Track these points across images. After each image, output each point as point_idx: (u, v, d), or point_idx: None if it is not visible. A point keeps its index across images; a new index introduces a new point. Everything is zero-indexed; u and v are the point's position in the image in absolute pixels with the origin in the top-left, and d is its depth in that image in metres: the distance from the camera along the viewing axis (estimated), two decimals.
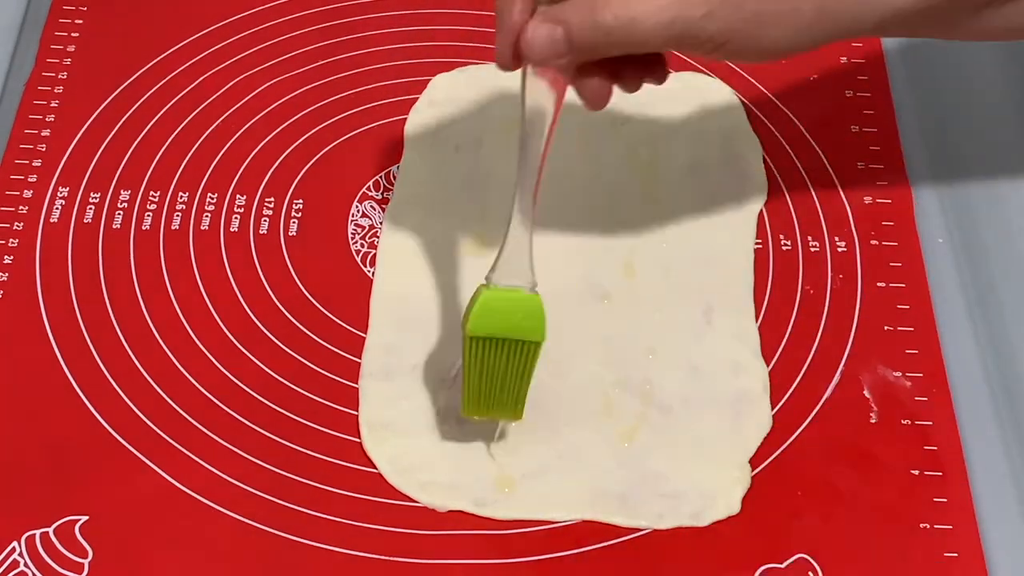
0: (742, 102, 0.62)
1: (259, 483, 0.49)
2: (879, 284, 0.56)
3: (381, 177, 0.59)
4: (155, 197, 0.58)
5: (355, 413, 0.51)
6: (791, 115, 0.61)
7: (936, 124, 0.62)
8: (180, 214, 0.57)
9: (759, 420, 0.52)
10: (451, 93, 0.62)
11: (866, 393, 0.53)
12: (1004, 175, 0.60)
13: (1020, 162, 0.61)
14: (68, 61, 0.62)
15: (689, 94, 0.62)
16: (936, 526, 0.49)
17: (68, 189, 0.58)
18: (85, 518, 0.48)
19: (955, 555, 0.48)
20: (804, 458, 0.51)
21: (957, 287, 0.56)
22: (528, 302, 0.47)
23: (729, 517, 0.49)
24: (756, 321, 0.55)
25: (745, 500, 0.50)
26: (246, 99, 0.61)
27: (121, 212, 0.57)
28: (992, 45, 0.65)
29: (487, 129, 0.60)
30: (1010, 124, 0.62)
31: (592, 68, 0.45)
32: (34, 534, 0.48)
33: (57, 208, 0.57)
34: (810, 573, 0.48)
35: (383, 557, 0.48)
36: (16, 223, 0.56)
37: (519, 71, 0.45)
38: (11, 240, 0.56)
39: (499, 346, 0.47)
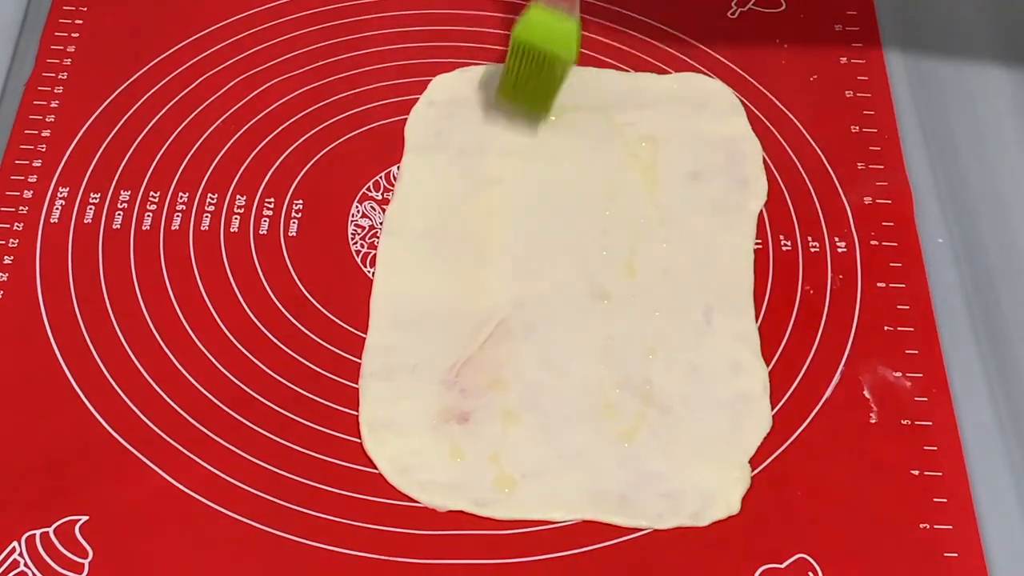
0: (742, 102, 0.62)
1: (259, 483, 0.49)
2: (879, 284, 0.56)
3: (381, 177, 0.59)
4: (155, 197, 0.58)
5: (355, 413, 0.51)
6: (791, 115, 0.61)
7: (936, 124, 0.62)
8: (180, 214, 0.57)
9: (759, 420, 0.52)
10: (452, 94, 0.62)
11: (866, 393, 0.53)
12: (1004, 175, 0.60)
13: (1020, 162, 0.61)
14: (68, 61, 0.62)
15: (689, 94, 0.62)
16: (936, 526, 0.49)
17: (68, 189, 0.58)
18: (85, 518, 0.48)
19: (955, 555, 0.48)
20: (804, 458, 0.51)
21: (957, 287, 0.56)
22: (566, 26, 0.56)
23: (729, 517, 0.49)
24: (756, 321, 0.55)
25: (745, 500, 0.50)
26: (246, 99, 0.61)
27: (121, 212, 0.57)
28: (992, 45, 0.65)
29: (488, 130, 0.60)
30: (1010, 124, 0.62)
31: None
32: (34, 534, 0.48)
33: (57, 208, 0.57)
34: (810, 573, 0.48)
35: (383, 557, 0.48)
36: (16, 223, 0.56)
37: None
38: (11, 240, 0.56)
39: (536, 54, 0.56)
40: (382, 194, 0.58)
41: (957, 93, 0.63)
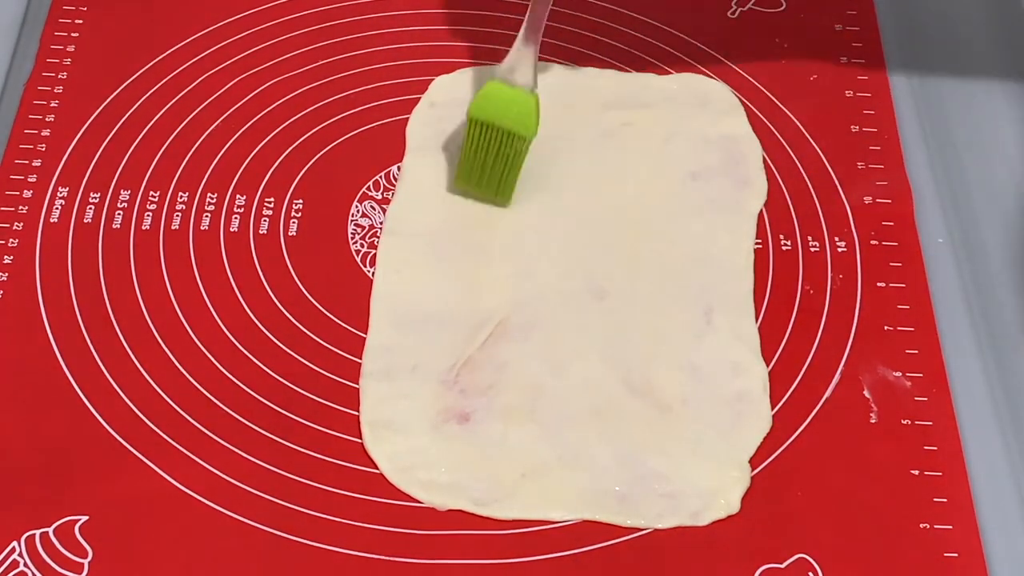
0: (742, 102, 0.62)
1: (259, 483, 0.49)
2: (879, 284, 0.56)
3: (381, 177, 0.59)
4: (155, 197, 0.58)
5: (355, 413, 0.51)
6: (791, 115, 0.61)
7: (936, 124, 0.62)
8: (180, 214, 0.57)
9: (759, 420, 0.52)
10: (452, 95, 0.62)
11: (866, 393, 0.53)
12: (1004, 175, 0.60)
13: (1020, 162, 0.61)
14: (68, 61, 0.62)
15: (689, 95, 0.62)
16: (936, 526, 0.49)
17: (68, 189, 0.58)
18: (85, 518, 0.48)
19: (955, 555, 0.48)
20: (804, 458, 0.51)
21: (957, 287, 0.56)
22: (524, 100, 0.55)
23: (729, 517, 0.49)
24: (756, 321, 0.55)
25: (745, 500, 0.50)
26: (246, 99, 0.61)
27: (121, 212, 0.57)
28: (992, 45, 0.65)
29: None
30: (1010, 124, 0.62)
31: None
32: (34, 534, 0.48)
33: (57, 208, 0.57)
34: (810, 573, 0.48)
35: (383, 557, 0.48)
36: (16, 223, 0.56)
37: None
38: (11, 240, 0.56)
39: (494, 131, 0.55)
40: (382, 194, 0.58)
41: (957, 93, 0.63)
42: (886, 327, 0.55)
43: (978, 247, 0.57)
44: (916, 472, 0.51)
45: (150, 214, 0.57)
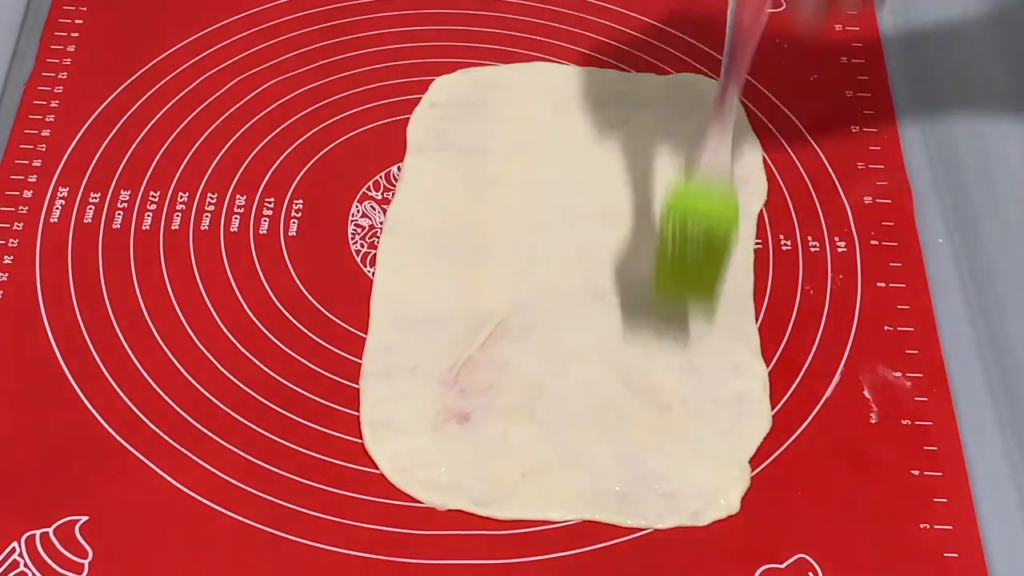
0: (742, 102, 0.62)
1: (259, 483, 0.49)
2: (879, 284, 0.56)
3: (381, 177, 0.59)
4: (155, 197, 0.58)
5: (355, 413, 0.51)
6: (791, 115, 0.61)
7: (936, 124, 0.62)
8: (180, 214, 0.57)
9: (759, 420, 0.52)
10: (453, 95, 0.62)
11: (866, 393, 0.53)
12: (1004, 175, 0.60)
13: (1020, 162, 0.61)
14: (68, 61, 0.62)
15: (689, 95, 0.62)
16: (936, 526, 0.49)
17: (68, 189, 0.58)
18: (85, 518, 0.48)
19: (955, 555, 0.48)
20: (804, 458, 0.51)
21: (957, 287, 0.56)
22: (726, 193, 0.49)
23: (729, 517, 0.49)
24: (756, 321, 0.55)
25: (745, 500, 0.50)
26: (246, 99, 0.61)
27: (121, 212, 0.57)
28: (992, 45, 0.65)
29: (488, 131, 0.60)
30: (1010, 124, 0.62)
31: None
32: (34, 534, 0.48)
33: (57, 208, 0.57)
34: (810, 573, 0.48)
35: (383, 557, 0.48)
36: (16, 223, 0.56)
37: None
38: (11, 240, 0.56)
39: (695, 231, 0.49)
40: (382, 194, 0.58)
41: (957, 92, 0.63)
42: (886, 327, 0.55)
43: (978, 247, 0.57)
44: (916, 472, 0.50)
45: (150, 214, 0.57)
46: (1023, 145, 0.61)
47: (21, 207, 0.57)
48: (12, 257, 0.55)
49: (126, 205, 0.57)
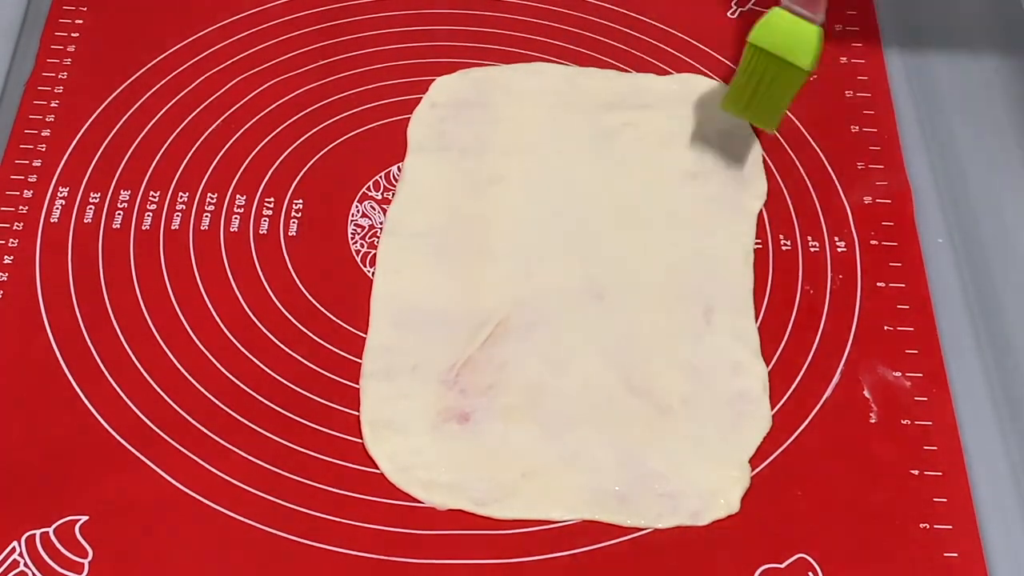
0: None
1: (259, 483, 0.49)
2: (879, 284, 0.56)
3: (381, 177, 0.59)
4: (155, 197, 0.58)
5: (356, 413, 0.51)
6: (791, 115, 0.61)
7: (936, 124, 0.62)
8: (180, 214, 0.57)
9: (759, 420, 0.52)
10: (453, 95, 0.62)
11: (866, 393, 0.53)
12: (1004, 175, 0.60)
13: (1020, 162, 0.61)
14: (68, 61, 0.62)
15: (689, 95, 0.62)
16: (936, 526, 0.49)
17: (68, 189, 0.58)
18: (85, 518, 0.48)
19: (955, 555, 0.48)
20: (804, 458, 0.51)
21: (957, 287, 0.56)
22: (807, 32, 0.53)
23: (729, 517, 0.49)
24: (756, 321, 0.55)
25: (745, 500, 0.50)
26: (246, 99, 0.61)
27: (121, 212, 0.57)
28: (992, 45, 0.65)
29: (489, 131, 0.60)
30: (1009, 124, 0.62)
31: None
32: (34, 534, 0.48)
33: (57, 208, 0.57)
34: (810, 573, 0.48)
35: (383, 557, 0.48)
36: (16, 223, 0.56)
37: None
38: (11, 240, 0.56)
39: (770, 61, 0.54)
40: (382, 194, 0.58)
41: (957, 93, 0.63)
42: (886, 327, 0.55)
43: (978, 247, 0.57)
44: (916, 472, 0.51)
45: (150, 214, 0.57)
46: (1023, 145, 0.61)
47: (21, 207, 0.57)
48: (12, 257, 0.55)
49: (126, 205, 0.57)
